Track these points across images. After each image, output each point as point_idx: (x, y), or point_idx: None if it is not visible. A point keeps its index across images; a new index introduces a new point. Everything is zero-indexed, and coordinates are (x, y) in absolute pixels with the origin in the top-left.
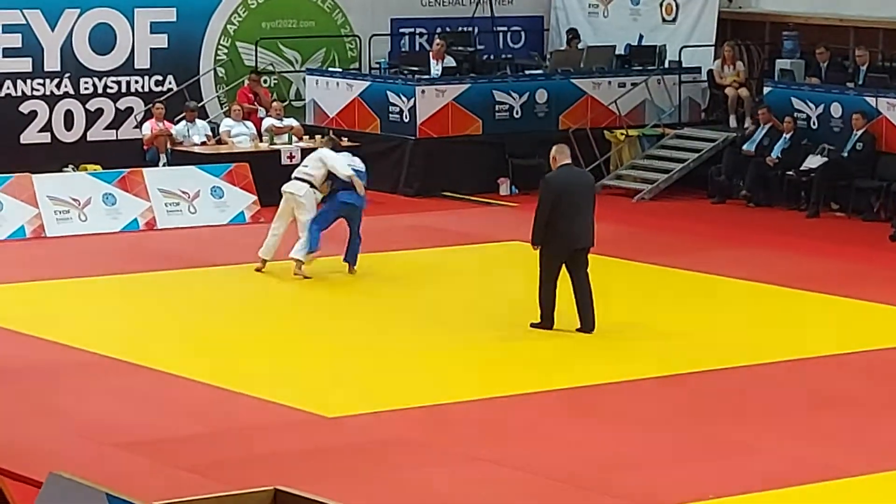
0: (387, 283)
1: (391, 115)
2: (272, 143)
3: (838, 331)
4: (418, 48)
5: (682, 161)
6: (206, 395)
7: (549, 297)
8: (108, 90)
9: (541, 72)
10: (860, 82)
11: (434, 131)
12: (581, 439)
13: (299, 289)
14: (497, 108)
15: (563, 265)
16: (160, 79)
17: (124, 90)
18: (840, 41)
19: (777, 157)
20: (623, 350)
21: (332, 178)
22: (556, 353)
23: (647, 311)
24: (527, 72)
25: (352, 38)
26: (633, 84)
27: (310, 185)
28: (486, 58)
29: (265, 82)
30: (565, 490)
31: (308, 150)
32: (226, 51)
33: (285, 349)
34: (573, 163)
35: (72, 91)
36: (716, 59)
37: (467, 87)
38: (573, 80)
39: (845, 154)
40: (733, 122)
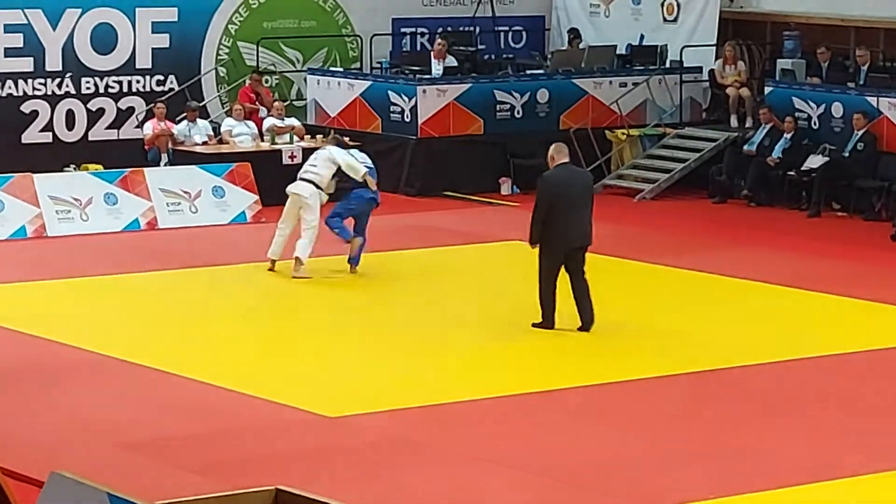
0: (388, 283)
1: (392, 115)
2: (273, 143)
3: (839, 330)
4: (419, 48)
5: (683, 161)
6: (206, 394)
7: (549, 297)
8: (110, 90)
9: (542, 71)
10: (861, 82)
11: (435, 131)
12: (581, 439)
13: (300, 288)
14: (498, 108)
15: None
16: (161, 78)
17: (126, 90)
18: (841, 41)
19: (778, 156)
20: (624, 350)
21: (343, 176)
22: (556, 352)
23: (647, 310)
24: (528, 71)
25: (353, 37)
26: (634, 84)
27: (315, 185)
28: (487, 57)
29: (266, 82)
30: (565, 490)
31: (309, 149)
32: (227, 50)
33: (286, 349)
34: (574, 162)
35: (73, 91)
36: (717, 59)
37: (468, 86)
38: (574, 80)
39: (846, 154)
40: (734, 122)
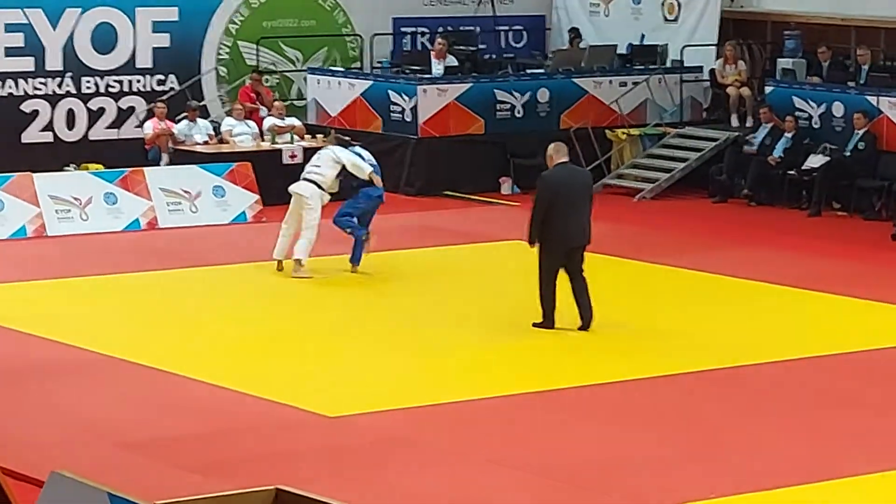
0: (388, 283)
1: (393, 115)
2: (274, 143)
3: (839, 330)
4: (420, 47)
5: (683, 160)
6: (207, 394)
7: (549, 297)
8: (110, 89)
9: (542, 71)
10: (862, 82)
11: (436, 131)
12: (581, 439)
13: (300, 288)
14: (499, 108)
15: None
16: (162, 78)
17: (126, 89)
18: (842, 41)
19: (779, 156)
20: (624, 349)
21: (348, 175)
22: (556, 352)
23: (648, 310)
24: (528, 71)
25: (353, 37)
26: (634, 83)
27: (317, 185)
28: (487, 57)
29: (267, 81)
30: (565, 490)
31: (310, 149)
32: (227, 50)
33: (287, 349)
34: (574, 162)
35: (73, 90)
36: (717, 59)
37: (469, 86)
38: (575, 80)
39: (847, 153)
40: (735, 122)
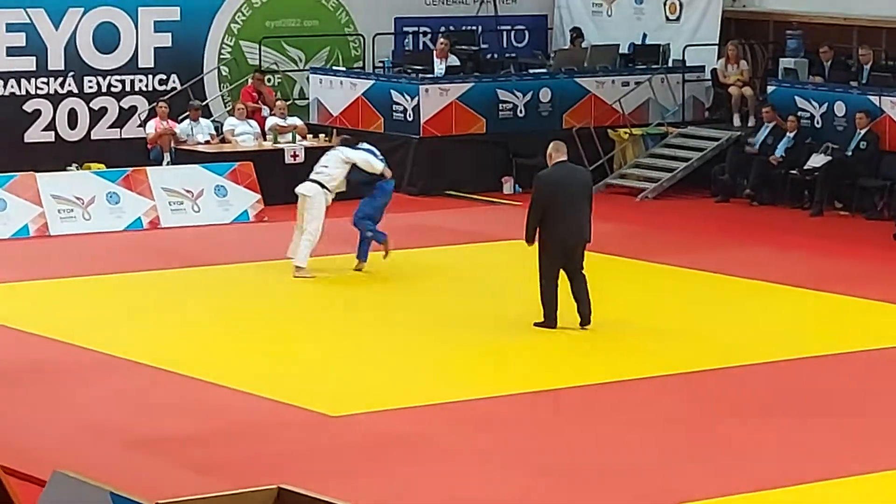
0: (390, 282)
1: (395, 114)
2: (276, 142)
3: (840, 330)
4: (422, 47)
5: (685, 160)
6: (208, 393)
7: (550, 297)
8: (112, 89)
9: (544, 71)
10: (864, 81)
11: (438, 130)
12: (581, 439)
13: (302, 288)
14: (501, 107)
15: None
16: (164, 78)
17: (128, 89)
18: (844, 40)
19: (781, 156)
20: (625, 349)
21: (359, 173)
22: (557, 352)
23: (649, 309)
24: (530, 71)
25: (355, 36)
26: (636, 83)
27: (321, 186)
28: (489, 57)
29: (269, 81)
30: (565, 490)
31: (312, 148)
32: (229, 49)
33: (288, 348)
34: (577, 161)
35: (76, 90)
36: (719, 58)
37: (471, 85)
38: (577, 79)
39: (849, 153)
40: (737, 121)
